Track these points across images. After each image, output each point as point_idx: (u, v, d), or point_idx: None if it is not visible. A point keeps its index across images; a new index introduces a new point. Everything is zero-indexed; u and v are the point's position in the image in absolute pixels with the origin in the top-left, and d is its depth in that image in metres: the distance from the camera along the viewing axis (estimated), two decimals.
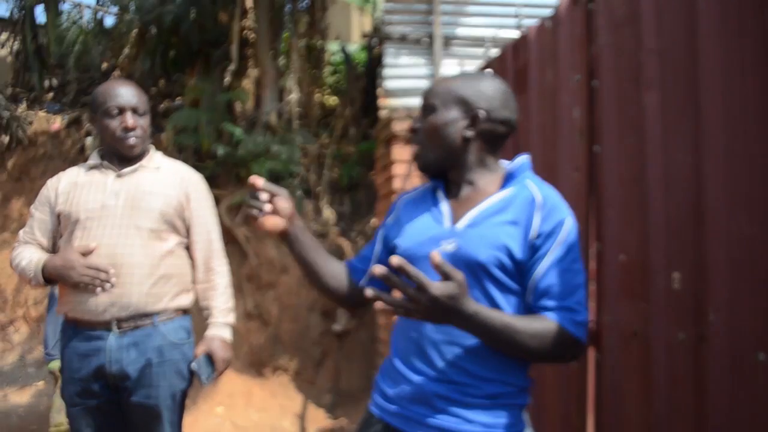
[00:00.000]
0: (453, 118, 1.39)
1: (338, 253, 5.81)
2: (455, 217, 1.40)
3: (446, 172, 1.47)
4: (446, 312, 1.15)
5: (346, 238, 6.00)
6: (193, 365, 2.10)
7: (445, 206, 1.43)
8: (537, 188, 1.38)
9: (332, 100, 7.39)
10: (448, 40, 5.95)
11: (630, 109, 1.94)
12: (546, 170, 2.35)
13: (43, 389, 4.88)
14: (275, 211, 1.45)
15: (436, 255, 1.11)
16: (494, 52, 2.98)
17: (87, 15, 6.88)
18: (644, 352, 1.83)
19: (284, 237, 1.48)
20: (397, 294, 1.15)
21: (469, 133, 1.39)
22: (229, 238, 5.81)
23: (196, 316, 2.27)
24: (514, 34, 2.71)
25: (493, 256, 1.30)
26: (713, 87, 1.63)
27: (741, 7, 1.57)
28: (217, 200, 5.90)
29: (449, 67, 5.72)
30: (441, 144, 1.41)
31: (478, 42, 5.74)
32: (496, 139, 1.43)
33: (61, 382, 2.17)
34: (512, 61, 2.68)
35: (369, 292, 1.10)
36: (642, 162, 1.87)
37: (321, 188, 6.30)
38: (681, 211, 1.73)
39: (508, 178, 1.42)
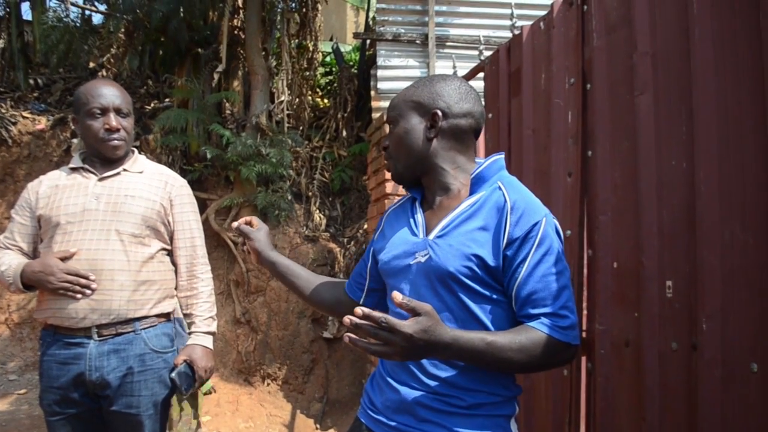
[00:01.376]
0: (413, 124, 1.40)
1: (329, 258, 5.76)
2: (428, 227, 1.40)
3: (418, 180, 1.46)
4: (423, 347, 1.12)
5: (336, 242, 5.96)
6: (173, 375, 2.05)
7: (419, 217, 1.43)
8: (507, 190, 1.34)
9: (324, 102, 7.35)
10: (441, 41, 5.93)
11: (623, 113, 1.91)
12: (539, 175, 2.33)
13: (24, 397, 4.79)
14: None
15: (397, 295, 1.10)
16: (488, 53, 2.94)
17: (73, 13, 6.81)
18: (637, 361, 1.80)
19: (263, 266, 1.68)
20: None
21: (432, 134, 1.39)
22: (217, 242, 5.76)
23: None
24: (509, 35, 2.68)
25: (462, 266, 1.29)
26: (707, 90, 1.60)
27: (735, 9, 1.55)
28: (206, 204, 5.88)
29: (443, 68, 5.70)
30: (407, 152, 1.41)
31: (473, 43, 5.73)
32: (463, 134, 1.42)
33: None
34: (506, 64, 2.64)
35: (346, 320, 1.08)
36: (635, 167, 1.84)
37: (312, 192, 6.26)
38: (674, 217, 1.70)
39: (477, 181, 1.39)
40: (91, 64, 7.25)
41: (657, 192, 1.76)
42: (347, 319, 1.07)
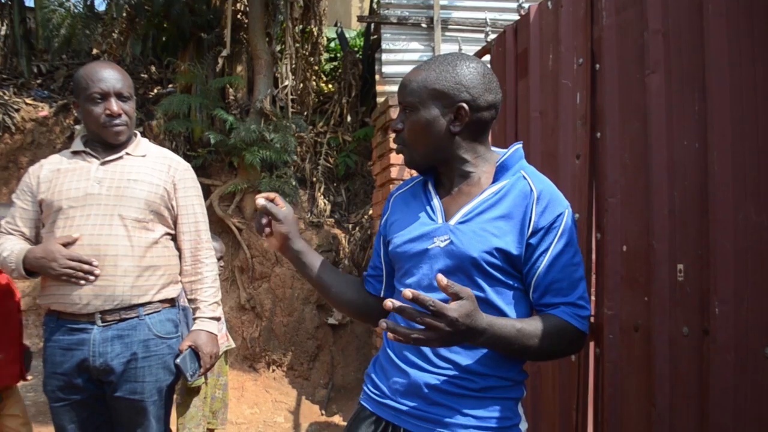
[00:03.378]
0: (434, 115, 1.33)
1: (334, 244, 5.75)
2: (448, 213, 1.37)
3: (434, 167, 1.43)
4: (464, 332, 1.11)
5: (341, 228, 5.94)
6: (178, 360, 2.03)
7: (436, 202, 1.40)
8: (533, 180, 1.34)
9: (329, 87, 7.30)
10: (446, 24, 5.86)
11: (633, 94, 1.87)
12: (546, 157, 2.29)
13: (29, 384, 4.80)
14: (272, 233, 1.45)
15: (442, 278, 1.07)
16: (494, 36, 2.89)
17: None
18: (646, 346, 1.77)
19: (285, 255, 1.49)
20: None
21: (456, 128, 1.34)
22: (221, 228, 5.74)
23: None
24: (515, 17, 2.63)
25: (485, 253, 1.28)
26: (720, 69, 1.56)
27: None
28: (210, 189, 5.86)
29: (448, 51, 5.63)
30: (426, 143, 1.36)
31: (479, 25, 5.66)
32: (485, 125, 1.38)
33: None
34: (512, 45, 2.59)
35: (388, 304, 1.05)
36: (645, 148, 1.80)
37: (316, 177, 6.23)
38: (686, 199, 1.67)
39: (501, 169, 1.37)
40: (95, 51, 7.21)
41: (668, 174, 1.72)
42: (389, 302, 1.04)
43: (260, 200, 1.42)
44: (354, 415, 1.47)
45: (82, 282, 1.92)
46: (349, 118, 6.57)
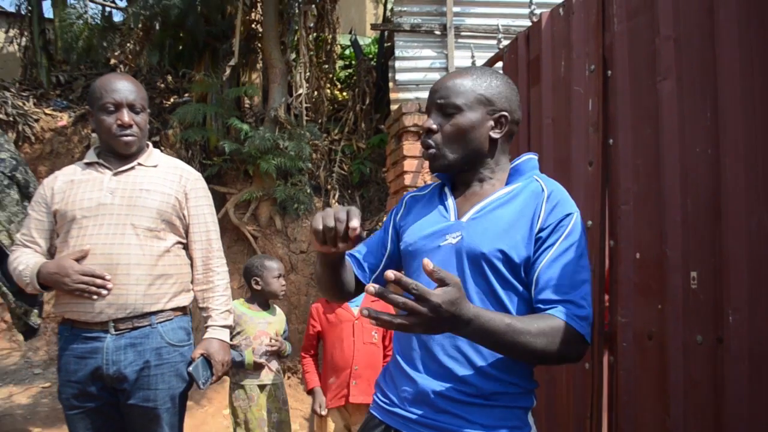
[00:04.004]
0: (479, 120, 1.38)
1: None
2: (461, 211, 1.39)
3: (459, 172, 1.44)
4: (448, 320, 1.08)
5: None
6: (191, 368, 2.04)
7: (450, 202, 1.43)
8: (545, 182, 1.37)
9: (343, 95, 7.32)
10: (459, 31, 5.86)
11: (645, 100, 1.86)
12: (559, 164, 2.28)
13: (47, 390, 4.86)
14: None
15: (428, 263, 1.05)
16: (506, 42, 2.88)
17: (92, 9, 6.85)
18: (660, 354, 1.75)
19: (331, 257, 1.35)
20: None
21: (497, 134, 1.39)
22: (237, 236, 5.78)
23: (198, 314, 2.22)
24: (528, 24, 2.62)
25: (496, 249, 1.28)
26: (732, 75, 1.55)
27: None
28: (225, 197, 5.90)
29: (462, 58, 5.63)
30: (466, 146, 1.39)
31: (491, 32, 5.66)
32: (512, 138, 1.45)
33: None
34: (525, 52, 2.59)
35: (370, 289, 1.02)
36: (658, 155, 1.79)
37: (331, 185, 6.24)
38: (699, 206, 1.65)
39: (514, 173, 1.42)
40: (112, 61, 7.31)
41: (681, 180, 1.71)
42: (371, 286, 1.02)
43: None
44: (363, 423, 1.46)
45: (95, 297, 1.94)
46: (363, 126, 6.58)
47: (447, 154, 1.40)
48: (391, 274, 1.01)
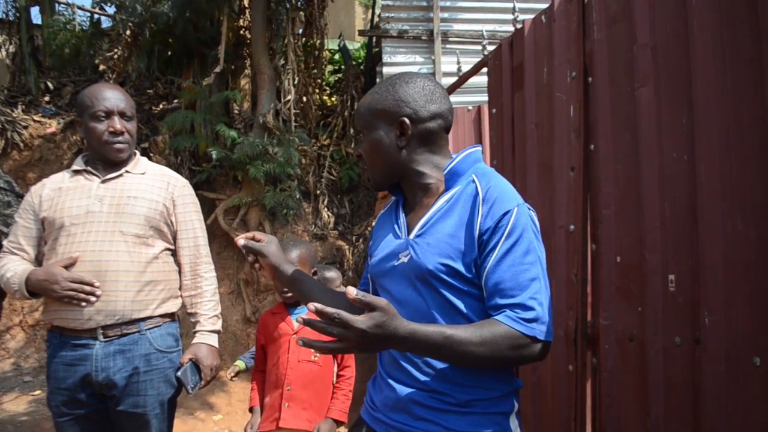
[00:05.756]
0: (381, 135, 1.38)
1: (338, 256, 5.77)
2: (410, 228, 1.39)
3: (396, 186, 1.46)
4: (381, 340, 1.12)
5: (345, 240, 5.96)
6: (179, 373, 2.06)
7: (402, 219, 1.43)
8: (480, 182, 1.32)
9: (332, 100, 7.35)
10: (446, 36, 5.92)
11: (625, 106, 1.90)
12: (542, 169, 2.31)
13: (38, 398, 4.84)
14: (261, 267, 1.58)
15: (351, 290, 1.10)
16: (492, 48, 2.92)
17: (80, 17, 6.85)
18: (641, 356, 1.78)
19: (279, 284, 1.55)
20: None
21: (402, 143, 1.37)
22: (226, 242, 5.78)
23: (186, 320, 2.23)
24: (513, 29, 2.66)
25: (440, 264, 1.28)
26: (707, 81, 1.59)
27: (734, 0, 1.53)
28: (215, 203, 5.91)
29: (448, 64, 5.68)
30: (381, 162, 1.40)
31: (477, 38, 5.71)
32: (434, 136, 1.39)
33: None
34: (509, 58, 2.63)
35: (299, 319, 1.08)
36: (637, 161, 1.82)
37: (320, 190, 6.27)
38: (676, 211, 1.69)
39: (452, 176, 1.38)
40: (101, 67, 7.30)
41: (659, 185, 1.74)
42: (300, 317, 1.07)
43: (240, 241, 1.54)
44: (353, 425, 1.51)
45: (84, 304, 1.96)
46: (352, 131, 6.61)
47: (373, 174, 1.44)
48: (312, 306, 1.06)
